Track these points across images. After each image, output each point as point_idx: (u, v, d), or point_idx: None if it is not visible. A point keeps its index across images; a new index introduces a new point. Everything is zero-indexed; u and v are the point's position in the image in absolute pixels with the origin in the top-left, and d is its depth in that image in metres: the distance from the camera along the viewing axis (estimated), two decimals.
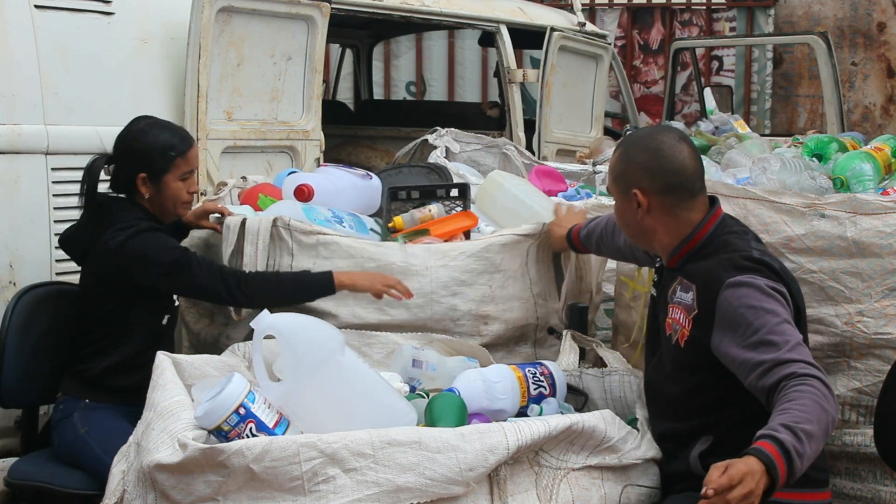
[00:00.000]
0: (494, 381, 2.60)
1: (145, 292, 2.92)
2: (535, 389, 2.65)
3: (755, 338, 2.17)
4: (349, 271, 3.00)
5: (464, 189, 3.51)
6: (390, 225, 3.32)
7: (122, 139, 3.01)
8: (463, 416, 2.37)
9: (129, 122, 3.04)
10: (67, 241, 3.10)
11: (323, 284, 2.94)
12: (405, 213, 3.42)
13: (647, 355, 2.58)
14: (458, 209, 3.48)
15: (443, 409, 2.36)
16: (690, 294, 2.33)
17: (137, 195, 2.99)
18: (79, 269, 3.10)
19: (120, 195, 3.03)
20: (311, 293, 2.97)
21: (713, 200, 2.46)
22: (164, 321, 3.02)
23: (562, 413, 2.54)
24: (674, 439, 2.38)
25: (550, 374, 2.69)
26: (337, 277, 2.93)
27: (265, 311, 2.32)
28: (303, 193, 3.38)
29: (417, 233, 3.25)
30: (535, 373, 2.67)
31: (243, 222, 3.13)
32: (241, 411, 2.12)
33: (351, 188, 3.54)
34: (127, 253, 2.86)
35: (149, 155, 2.95)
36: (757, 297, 2.21)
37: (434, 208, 3.36)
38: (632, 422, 2.47)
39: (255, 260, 3.09)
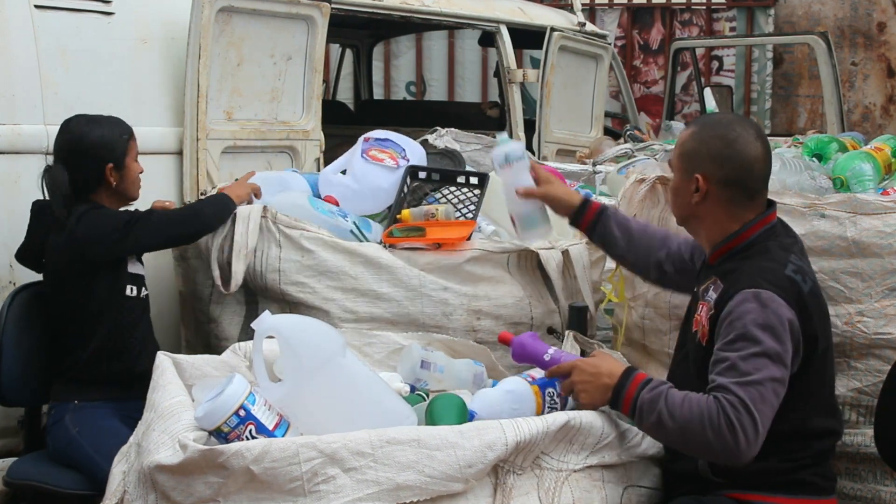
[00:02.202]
0: (514, 407, 2.49)
1: (97, 270, 2.98)
2: (549, 411, 2.60)
3: (727, 354, 2.19)
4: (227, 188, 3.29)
5: (483, 179, 3.51)
6: (398, 216, 3.35)
7: (77, 141, 3.04)
8: (463, 416, 2.37)
9: (63, 127, 3.08)
10: (23, 257, 3.17)
11: (227, 200, 3.22)
12: (418, 201, 3.45)
13: (676, 348, 2.57)
14: (473, 202, 3.48)
15: (443, 410, 2.36)
16: (717, 295, 2.32)
17: (101, 188, 3.04)
18: None
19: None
20: (231, 206, 3.21)
21: (770, 204, 2.43)
22: (129, 292, 3.06)
23: None
24: None
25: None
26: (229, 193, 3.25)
27: (266, 312, 2.32)
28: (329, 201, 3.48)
29: (413, 229, 3.26)
30: (553, 394, 2.62)
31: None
32: (242, 413, 2.11)
33: (375, 192, 3.56)
34: (78, 239, 2.93)
35: (109, 144, 3.04)
36: (758, 318, 2.19)
37: (441, 209, 3.36)
38: None
39: (245, 240, 3.18)
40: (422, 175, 3.54)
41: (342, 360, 2.27)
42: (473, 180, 3.55)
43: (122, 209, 3.08)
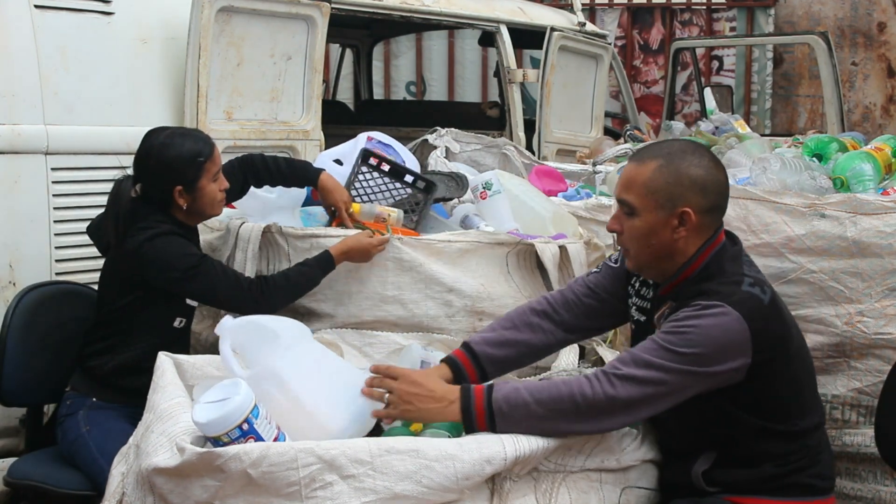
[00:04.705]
0: None
1: (159, 294, 2.91)
2: None
3: (648, 339, 2.17)
4: (339, 243, 3.06)
5: (430, 187, 3.45)
6: (351, 210, 3.27)
7: (147, 157, 2.93)
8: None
9: (145, 137, 2.96)
10: (94, 231, 3.07)
11: (325, 265, 3.02)
12: (365, 198, 3.41)
13: None
14: (416, 208, 3.43)
15: None
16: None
17: (174, 208, 2.95)
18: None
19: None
20: (317, 278, 3.04)
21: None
22: (177, 324, 3.00)
23: None
24: (673, 452, 2.37)
25: None
26: (334, 252, 3.03)
27: (227, 317, 2.38)
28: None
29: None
30: None
31: (239, 227, 3.17)
32: (245, 427, 2.09)
33: None
34: (144, 254, 2.85)
35: (179, 167, 2.89)
36: (701, 324, 2.13)
37: (395, 213, 3.33)
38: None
39: (244, 266, 3.12)
40: (372, 162, 3.46)
41: (312, 342, 2.42)
42: (420, 184, 3.46)
43: (191, 252, 2.91)
